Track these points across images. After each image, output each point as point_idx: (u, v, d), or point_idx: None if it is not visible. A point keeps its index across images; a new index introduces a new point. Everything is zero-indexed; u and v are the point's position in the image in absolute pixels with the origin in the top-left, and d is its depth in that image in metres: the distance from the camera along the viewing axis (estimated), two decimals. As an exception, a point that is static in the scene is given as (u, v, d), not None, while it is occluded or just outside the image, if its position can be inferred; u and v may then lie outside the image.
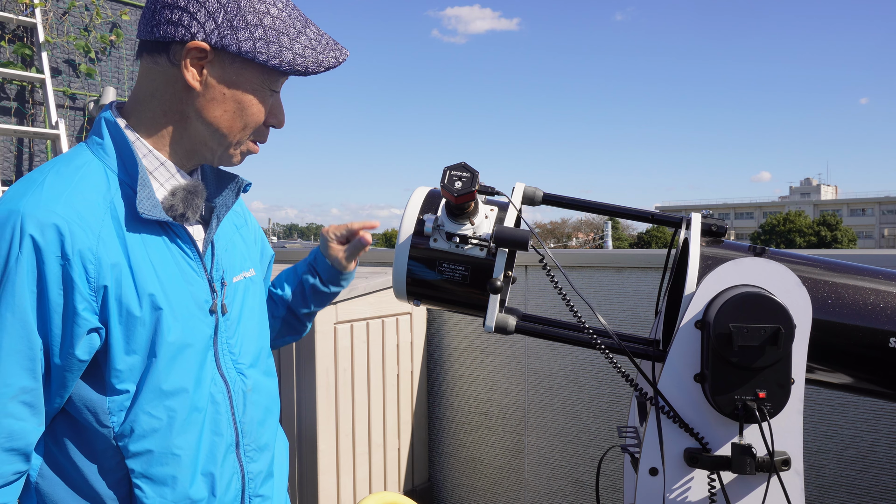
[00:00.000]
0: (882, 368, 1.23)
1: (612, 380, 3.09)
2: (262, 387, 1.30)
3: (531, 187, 1.34)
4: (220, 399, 1.20)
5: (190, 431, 1.14)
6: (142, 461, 1.11)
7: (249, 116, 1.17)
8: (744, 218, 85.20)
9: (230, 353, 1.24)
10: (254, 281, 1.35)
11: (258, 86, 1.16)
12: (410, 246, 1.25)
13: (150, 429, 1.10)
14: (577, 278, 3.14)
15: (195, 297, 1.17)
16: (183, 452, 1.13)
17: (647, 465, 1.18)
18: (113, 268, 1.07)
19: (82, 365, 1.07)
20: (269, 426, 1.31)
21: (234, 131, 1.17)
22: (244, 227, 1.41)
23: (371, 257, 4.07)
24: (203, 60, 1.12)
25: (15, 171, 3.98)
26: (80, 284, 1.04)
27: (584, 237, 64.92)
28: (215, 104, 1.14)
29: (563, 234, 66.09)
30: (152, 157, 1.16)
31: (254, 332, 1.31)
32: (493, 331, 1.23)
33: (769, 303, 1.09)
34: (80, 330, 1.05)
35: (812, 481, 2.59)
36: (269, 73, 1.16)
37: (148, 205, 1.10)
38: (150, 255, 1.12)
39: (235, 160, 1.22)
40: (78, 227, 1.04)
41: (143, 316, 1.09)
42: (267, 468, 1.30)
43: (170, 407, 1.12)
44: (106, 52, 4.29)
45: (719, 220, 1.31)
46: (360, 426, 3.16)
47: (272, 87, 1.18)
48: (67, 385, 1.08)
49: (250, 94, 1.15)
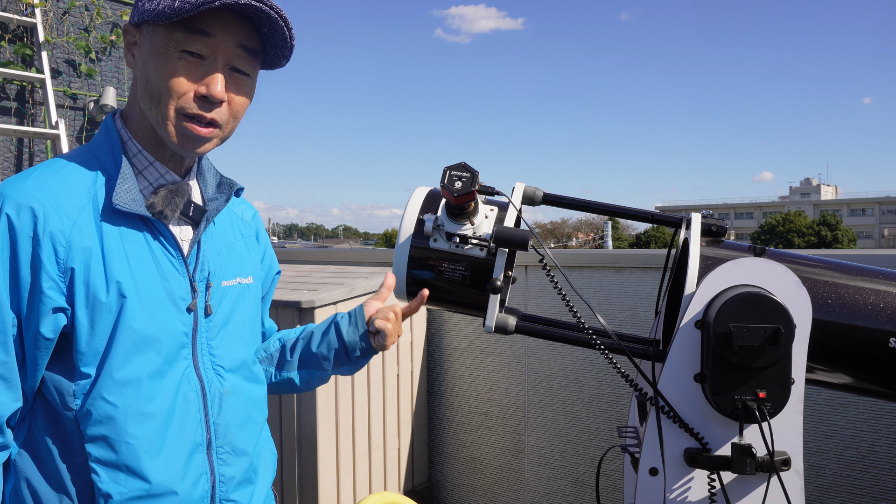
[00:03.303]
0: (882, 368, 1.23)
1: (612, 380, 3.09)
2: (241, 391, 1.29)
3: (531, 187, 1.34)
4: (192, 397, 1.20)
5: (147, 423, 1.15)
6: (98, 446, 1.13)
7: (160, 81, 1.14)
8: (744, 218, 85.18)
9: (210, 354, 1.24)
10: (250, 288, 1.35)
11: (163, 49, 1.13)
12: (410, 246, 1.25)
13: (105, 415, 1.12)
14: (577, 278, 3.14)
15: (170, 294, 1.19)
16: (137, 442, 1.14)
17: (647, 465, 1.18)
18: (83, 251, 1.11)
19: (49, 343, 1.11)
20: (248, 432, 1.30)
21: (156, 103, 1.15)
22: (251, 239, 1.41)
23: (371, 257, 4.07)
24: (134, 44, 1.19)
25: (15, 171, 3.98)
26: (48, 265, 1.09)
27: (584, 237, 64.92)
28: (141, 79, 1.17)
29: (563, 234, 66.10)
30: (141, 157, 1.21)
31: (241, 338, 1.31)
32: (493, 331, 1.23)
33: (769, 303, 1.09)
34: (46, 308, 1.09)
35: (812, 481, 2.59)
36: (170, 33, 1.13)
37: (126, 198, 1.14)
38: (126, 247, 1.15)
39: (173, 138, 1.17)
40: (53, 212, 1.10)
41: (110, 302, 1.12)
42: (243, 474, 1.28)
43: (126, 395, 1.13)
44: (106, 52, 4.29)
45: (719, 220, 1.31)
46: (360, 426, 3.16)
47: (179, 47, 1.13)
48: (38, 363, 1.12)
49: (157, 60, 1.14)
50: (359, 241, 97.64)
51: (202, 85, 1.15)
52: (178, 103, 1.15)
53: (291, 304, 2.90)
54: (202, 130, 1.17)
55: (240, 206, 1.44)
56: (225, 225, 1.35)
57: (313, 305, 2.90)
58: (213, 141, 1.20)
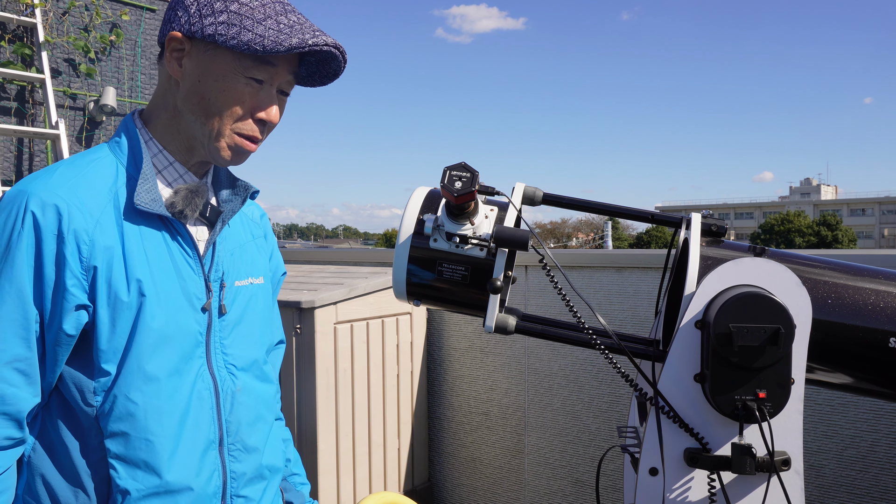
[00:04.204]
0: (882, 368, 1.23)
1: (612, 380, 3.09)
2: (252, 390, 1.31)
3: (531, 187, 1.34)
4: (206, 395, 1.22)
5: (165, 421, 1.17)
6: (117, 443, 1.14)
7: (223, 104, 1.18)
8: (744, 218, 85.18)
9: (223, 353, 1.26)
10: (261, 288, 1.38)
11: (229, 72, 1.17)
12: (410, 246, 1.25)
13: (125, 412, 1.14)
14: (577, 278, 3.14)
15: (186, 293, 1.21)
16: (157, 439, 1.16)
17: (647, 465, 1.18)
18: (106, 250, 1.13)
19: (70, 340, 1.13)
20: (258, 430, 1.32)
21: (211, 121, 1.19)
22: (260, 240, 1.44)
23: (371, 257, 4.07)
24: (182, 52, 1.19)
25: (15, 171, 3.98)
26: (72, 262, 1.11)
27: (584, 237, 64.94)
28: (193, 93, 1.19)
29: (563, 234, 66.11)
30: (161, 157, 1.24)
31: (252, 337, 1.33)
32: (493, 331, 1.23)
33: (769, 303, 1.09)
34: (69, 305, 1.11)
35: (812, 481, 2.59)
36: (239, 59, 1.17)
37: (147, 198, 1.17)
38: (146, 246, 1.17)
39: (224, 154, 1.22)
40: (77, 210, 1.12)
41: (130, 300, 1.14)
42: (254, 471, 1.31)
43: (146, 393, 1.15)
44: (106, 52, 4.29)
45: (719, 220, 1.31)
46: (360, 426, 3.16)
47: (246, 73, 1.18)
48: (58, 359, 1.14)
49: (222, 82, 1.18)
50: (359, 241, 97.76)
51: (260, 110, 1.21)
52: (237, 124, 1.20)
53: (291, 304, 2.90)
54: (252, 146, 1.23)
55: (249, 206, 1.47)
56: (237, 226, 1.38)
57: (313, 305, 2.91)
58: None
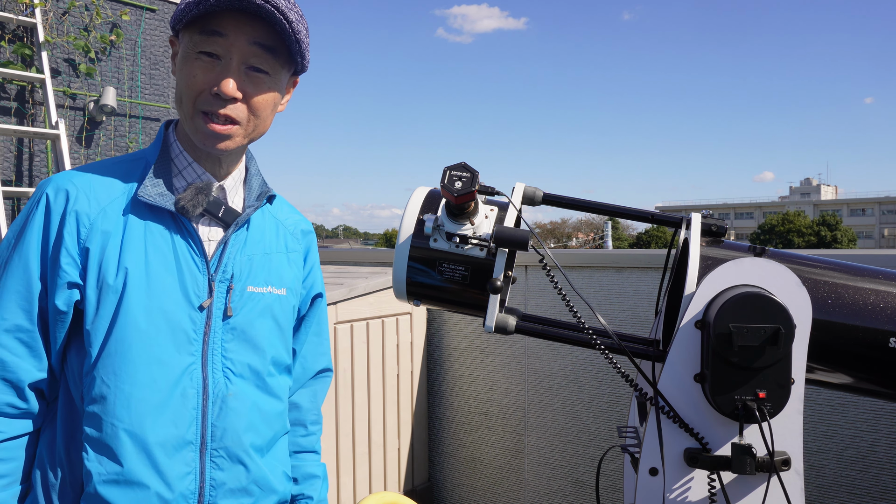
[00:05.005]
0: (882, 368, 1.23)
1: (612, 380, 3.09)
2: (247, 398, 1.27)
3: (531, 187, 1.34)
4: (192, 394, 1.20)
5: (135, 409, 1.16)
6: (90, 424, 1.17)
7: (184, 85, 1.21)
8: (744, 218, 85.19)
9: (223, 356, 1.24)
10: (281, 300, 1.35)
11: (187, 53, 1.21)
12: (410, 246, 1.25)
13: (99, 394, 1.16)
14: (577, 278, 3.14)
15: (184, 289, 1.22)
16: (122, 426, 1.16)
17: (647, 465, 1.18)
18: (103, 234, 1.18)
19: (63, 317, 1.18)
20: (250, 441, 1.27)
21: (180, 103, 1.23)
22: (296, 255, 1.41)
23: (371, 257, 4.07)
24: (175, 52, 1.26)
25: (15, 171, 3.98)
26: (69, 241, 1.17)
27: (584, 237, 64.94)
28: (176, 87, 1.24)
29: (563, 234, 66.12)
30: (182, 158, 1.29)
31: (260, 346, 1.29)
32: (493, 331, 1.23)
33: (769, 303, 1.09)
34: (61, 281, 1.16)
35: (812, 481, 2.59)
36: (190, 37, 1.20)
37: (153, 192, 1.22)
38: (148, 238, 1.21)
39: (198, 137, 1.23)
40: (84, 195, 1.19)
41: (116, 285, 1.17)
42: (238, 483, 1.25)
43: (119, 377, 1.16)
44: (106, 52, 4.29)
45: (719, 220, 1.31)
46: (360, 426, 3.16)
47: (197, 49, 1.19)
48: (56, 337, 1.19)
49: (182, 65, 1.22)
50: (359, 241, 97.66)
51: (215, 84, 1.19)
52: (196, 101, 1.20)
53: (291, 304, 2.89)
54: (218, 127, 1.22)
55: (293, 219, 1.45)
56: (269, 234, 1.36)
57: (313, 305, 2.90)
58: (234, 138, 1.24)
